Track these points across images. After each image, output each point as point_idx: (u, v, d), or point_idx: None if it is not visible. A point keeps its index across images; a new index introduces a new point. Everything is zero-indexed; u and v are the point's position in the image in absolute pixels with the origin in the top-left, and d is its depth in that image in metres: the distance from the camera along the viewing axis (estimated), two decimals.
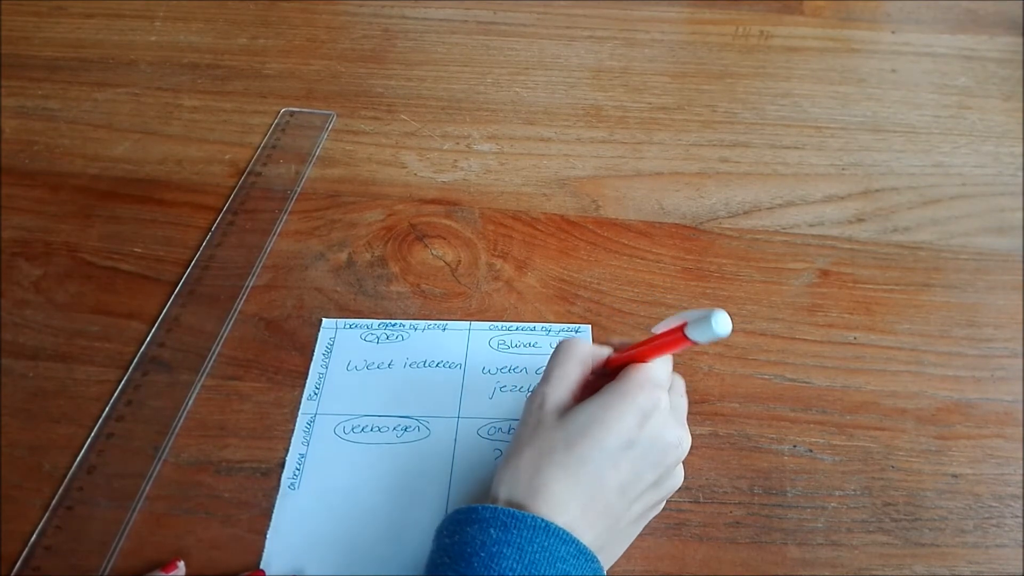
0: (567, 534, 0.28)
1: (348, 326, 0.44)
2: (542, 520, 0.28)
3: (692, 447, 0.38)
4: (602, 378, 0.33)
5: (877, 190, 0.53)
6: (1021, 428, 0.40)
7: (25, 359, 0.43)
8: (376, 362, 0.43)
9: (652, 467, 0.31)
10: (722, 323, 0.28)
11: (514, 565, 0.27)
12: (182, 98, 0.61)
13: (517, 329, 0.44)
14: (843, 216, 0.51)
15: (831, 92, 0.62)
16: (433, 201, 0.52)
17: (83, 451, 0.38)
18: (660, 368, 0.32)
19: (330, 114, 0.59)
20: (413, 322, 0.44)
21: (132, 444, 0.39)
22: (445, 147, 0.57)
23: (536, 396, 0.32)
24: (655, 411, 0.31)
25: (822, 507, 0.37)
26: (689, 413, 0.40)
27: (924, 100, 0.61)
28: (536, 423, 0.31)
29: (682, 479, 0.33)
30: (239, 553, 0.35)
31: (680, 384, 0.35)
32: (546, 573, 0.27)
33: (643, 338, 0.43)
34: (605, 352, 0.34)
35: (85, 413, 0.40)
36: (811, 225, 0.51)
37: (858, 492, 0.38)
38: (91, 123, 0.58)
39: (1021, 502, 0.37)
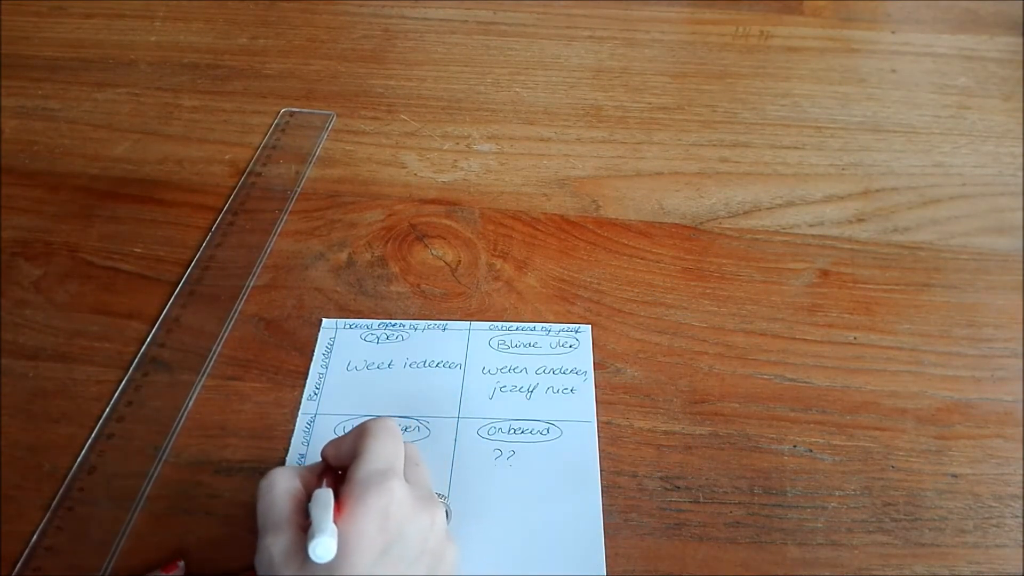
0: None
1: (348, 326, 0.44)
2: None
3: (692, 447, 0.39)
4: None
5: (877, 190, 0.53)
6: (1021, 428, 0.40)
7: (25, 359, 0.43)
8: (376, 362, 0.43)
9: (417, 559, 0.28)
10: (318, 551, 0.26)
11: None
12: (182, 98, 0.61)
13: (517, 329, 0.44)
14: (843, 216, 0.51)
15: (831, 92, 0.62)
16: (433, 201, 0.52)
17: (83, 451, 0.38)
18: (378, 454, 0.29)
19: (330, 114, 0.59)
20: (413, 322, 0.44)
21: (132, 444, 0.39)
22: (445, 147, 0.57)
23: (262, 555, 0.28)
24: (391, 504, 0.28)
25: (822, 507, 0.37)
26: (689, 413, 0.40)
27: (924, 100, 0.61)
28: None
29: (456, 550, 0.31)
30: (239, 553, 0.35)
31: (414, 452, 0.33)
32: None
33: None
34: (316, 465, 0.32)
35: (85, 413, 0.40)
36: (811, 225, 0.51)
37: (858, 492, 0.38)
38: (91, 123, 0.58)
39: (1021, 502, 0.37)
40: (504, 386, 0.41)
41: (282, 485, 0.30)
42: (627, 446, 0.39)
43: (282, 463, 0.38)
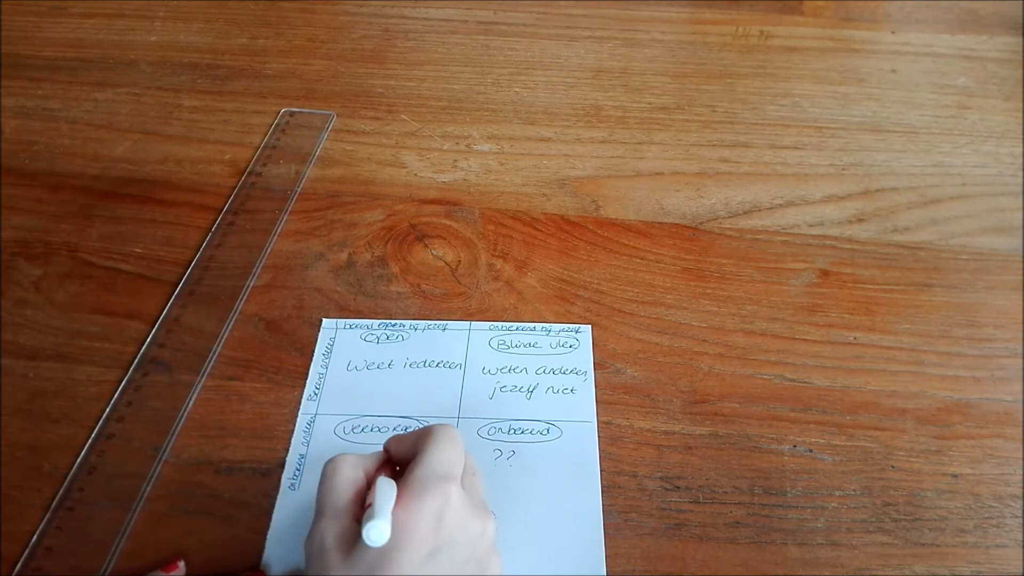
0: None
1: (348, 326, 0.44)
2: None
3: (692, 447, 0.39)
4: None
5: (877, 190, 0.53)
6: (1021, 428, 0.40)
7: (25, 359, 0.43)
8: (376, 362, 0.43)
9: (463, 565, 0.28)
10: (371, 534, 0.26)
11: None
12: (182, 98, 0.61)
13: (517, 329, 0.44)
14: (843, 216, 0.51)
15: (831, 92, 0.62)
16: (433, 201, 0.52)
17: (83, 451, 0.38)
18: (440, 458, 0.30)
19: (330, 114, 0.59)
20: (413, 322, 0.44)
21: (132, 444, 0.39)
22: (445, 147, 0.57)
23: (314, 537, 0.28)
24: (447, 508, 0.28)
25: (822, 507, 0.37)
26: (689, 413, 0.40)
27: (924, 100, 0.61)
28: (323, 570, 0.27)
29: (500, 563, 0.31)
30: (239, 553, 0.35)
31: (472, 462, 0.33)
32: None
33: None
34: (378, 455, 0.32)
35: (85, 413, 0.40)
36: (811, 225, 0.51)
37: (858, 492, 0.38)
38: (91, 123, 0.58)
39: (1021, 502, 0.37)
40: (504, 386, 0.41)
41: (347, 473, 0.30)
42: (627, 446, 0.39)
43: (282, 464, 0.38)
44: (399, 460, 0.32)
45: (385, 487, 0.28)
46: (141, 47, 0.66)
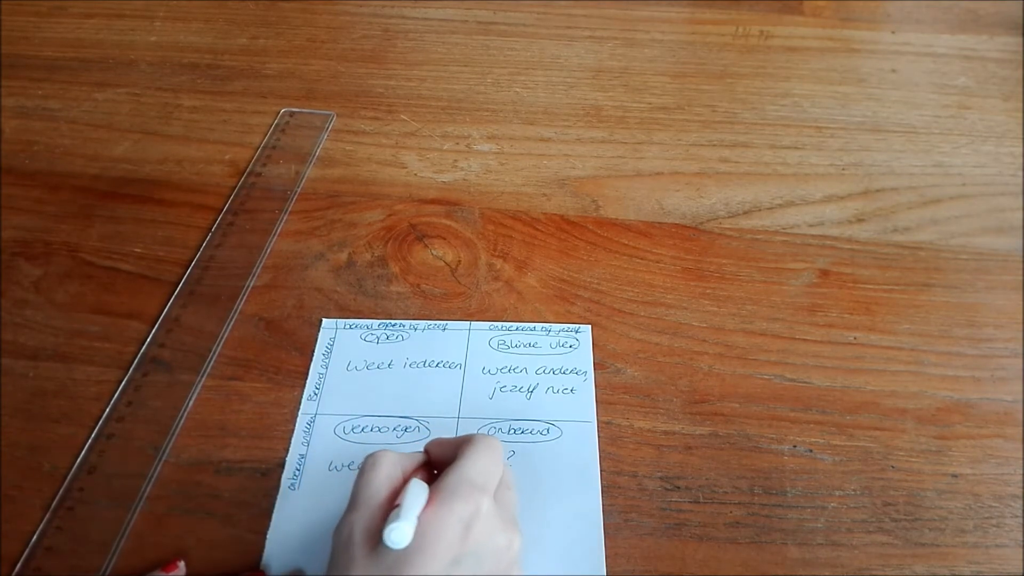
0: None
1: (348, 326, 0.44)
2: None
3: (692, 447, 0.39)
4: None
5: (877, 190, 0.53)
6: (1021, 428, 0.40)
7: (25, 359, 0.43)
8: (376, 362, 0.43)
9: None
10: (393, 536, 0.26)
11: None
12: (182, 98, 0.61)
13: (517, 329, 0.44)
14: (843, 216, 0.51)
15: (831, 92, 0.62)
16: (433, 201, 0.52)
17: (83, 451, 0.38)
18: (476, 467, 0.30)
19: (330, 114, 0.59)
20: (413, 322, 0.44)
21: (132, 444, 0.39)
22: (445, 147, 0.57)
23: (343, 528, 0.29)
24: (476, 517, 0.28)
25: (822, 507, 0.37)
26: (689, 413, 0.40)
27: (924, 100, 0.61)
28: (347, 562, 0.27)
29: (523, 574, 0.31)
30: (239, 553, 0.35)
31: (508, 475, 0.33)
32: None
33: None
34: (418, 457, 0.32)
35: (85, 413, 0.40)
36: (811, 225, 0.51)
37: (858, 492, 0.38)
38: (91, 123, 0.58)
39: (1021, 502, 0.37)
40: (504, 386, 0.41)
41: (385, 470, 0.30)
42: (627, 446, 0.39)
43: (282, 464, 0.38)
44: (438, 463, 0.32)
45: (416, 489, 0.28)
46: (141, 47, 0.66)
